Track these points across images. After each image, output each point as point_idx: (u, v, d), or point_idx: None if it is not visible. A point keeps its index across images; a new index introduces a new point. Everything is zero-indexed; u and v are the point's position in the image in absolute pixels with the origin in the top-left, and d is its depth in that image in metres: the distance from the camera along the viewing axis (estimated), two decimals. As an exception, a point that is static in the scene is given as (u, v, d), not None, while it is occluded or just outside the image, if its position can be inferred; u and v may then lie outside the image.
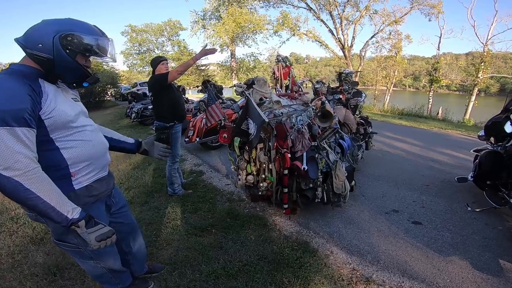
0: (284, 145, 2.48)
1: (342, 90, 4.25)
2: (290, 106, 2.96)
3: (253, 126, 2.33)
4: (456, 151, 5.61)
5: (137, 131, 8.44)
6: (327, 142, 2.86)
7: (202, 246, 2.49)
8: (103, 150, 1.42)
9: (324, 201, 2.71)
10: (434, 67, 18.05)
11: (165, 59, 3.29)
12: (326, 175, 2.71)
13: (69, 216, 1.13)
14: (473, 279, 2.09)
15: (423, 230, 2.76)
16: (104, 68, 18.91)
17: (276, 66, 3.84)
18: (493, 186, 3.02)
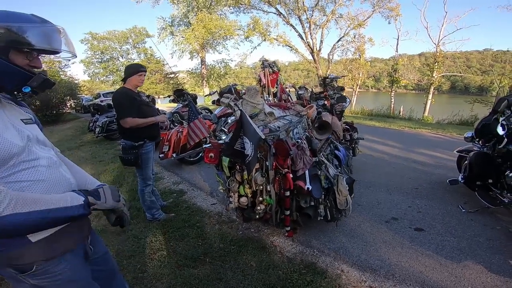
0: (285, 165, 2.22)
1: (326, 96, 4.14)
2: (284, 118, 2.74)
3: (250, 146, 2.03)
4: (432, 150, 5.79)
5: (103, 147, 7.72)
6: (324, 155, 2.67)
7: (198, 279, 2.19)
8: (65, 189, 1.08)
9: (327, 218, 2.51)
10: (394, 68, 19.28)
11: (145, 70, 2.85)
12: (327, 191, 2.52)
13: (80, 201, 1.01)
14: (494, 283, 2.04)
15: (427, 236, 2.68)
16: (62, 78, 17.50)
17: (263, 72, 3.60)
18: (483, 187, 3.05)
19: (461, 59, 47.39)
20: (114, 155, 6.63)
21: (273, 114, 2.57)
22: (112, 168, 5.52)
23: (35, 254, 0.97)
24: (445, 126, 9.58)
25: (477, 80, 45.53)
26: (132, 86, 2.78)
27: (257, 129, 2.09)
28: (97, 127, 8.20)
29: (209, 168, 5.12)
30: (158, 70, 27.98)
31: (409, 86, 27.61)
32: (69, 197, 1.00)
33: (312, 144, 2.47)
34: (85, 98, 19.30)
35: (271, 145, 2.23)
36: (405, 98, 28.38)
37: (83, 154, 7.13)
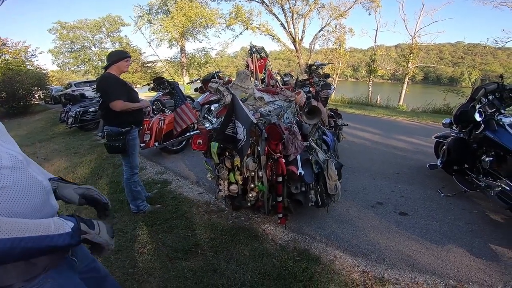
0: (277, 149, 2.19)
1: (311, 83, 4.16)
2: (273, 103, 2.70)
3: (243, 130, 1.98)
4: (409, 136, 6.01)
5: (77, 138, 7.31)
6: (313, 139, 2.68)
7: (192, 272, 2.14)
8: (39, 197, 0.90)
9: (318, 204, 2.53)
10: (372, 58, 19.72)
11: (130, 57, 2.83)
12: (317, 176, 2.53)
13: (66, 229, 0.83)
14: (477, 266, 2.13)
15: (411, 220, 2.79)
16: (28, 68, 16.33)
17: (250, 58, 3.52)
18: (460, 171, 3.22)
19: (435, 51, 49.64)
20: (90, 146, 6.32)
21: (263, 99, 2.53)
22: (89, 160, 5.26)
23: (13, 275, 0.81)
24: (420, 114, 9.98)
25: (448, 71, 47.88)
26: (117, 72, 2.73)
27: (249, 114, 2.05)
28: (70, 118, 7.73)
29: (194, 156, 5.04)
30: (135, 59, 26.91)
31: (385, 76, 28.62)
32: (52, 222, 0.81)
33: (303, 129, 2.46)
34: (55, 89, 18.22)
35: (262, 129, 2.19)
36: (382, 88, 29.29)
37: (56, 146, 6.71)
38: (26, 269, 0.84)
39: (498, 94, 2.95)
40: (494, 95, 2.95)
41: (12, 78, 12.68)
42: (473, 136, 3.00)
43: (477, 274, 2.05)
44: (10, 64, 15.33)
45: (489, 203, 2.99)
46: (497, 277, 2.00)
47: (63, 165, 5.18)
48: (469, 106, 2.93)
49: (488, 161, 2.77)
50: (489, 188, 2.72)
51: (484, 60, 23.39)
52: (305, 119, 2.59)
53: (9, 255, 0.70)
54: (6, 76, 12.81)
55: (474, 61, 22.08)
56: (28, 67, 16.68)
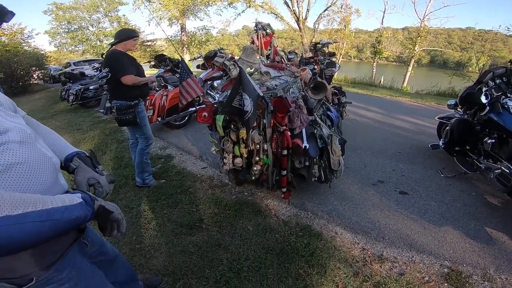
0: (283, 122, 2.20)
1: (316, 61, 4.10)
2: (279, 78, 2.67)
3: (250, 102, 1.99)
4: (412, 117, 5.97)
5: (79, 115, 7.29)
6: (317, 114, 2.68)
7: (197, 246, 2.18)
8: (49, 175, 0.84)
9: (321, 179, 2.57)
10: (378, 40, 19.15)
11: (138, 36, 2.94)
12: (321, 151, 2.54)
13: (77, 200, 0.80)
14: (472, 249, 2.17)
15: (411, 200, 2.84)
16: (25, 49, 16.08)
17: (256, 35, 3.45)
18: (462, 152, 3.26)
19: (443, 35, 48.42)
20: (92, 123, 6.33)
21: (269, 73, 2.51)
22: (92, 136, 5.28)
23: (29, 264, 0.76)
24: (424, 96, 9.87)
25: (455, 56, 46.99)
26: (125, 49, 2.82)
27: (256, 87, 2.04)
28: (71, 95, 7.69)
29: (196, 131, 5.07)
30: (135, 38, 26.33)
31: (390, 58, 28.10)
32: (64, 196, 0.80)
33: (308, 103, 2.45)
34: (54, 68, 18.02)
35: (268, 102, 2.19)
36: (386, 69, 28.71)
37: (58, 123, 6.71)
38: (42, 258, 0.79)
39: (506, 79, 2.95)
40: (502, 79, 2.95)
41: (9, 59, 12.59)
42: (477, 118, 3.01)
43: (471, 256, 2.09)
44: (7, 46, 15.11)
45: (487, 186, 3.01)
46: (490, 260, 2.04)
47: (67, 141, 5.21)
48: (476, 89, 2.94)
49: (490, 143, 2.79)
50: (489, 170, 2.74)
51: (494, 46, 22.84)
52: (311, 94, 2.58)
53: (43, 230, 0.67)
54: (3, 57, 12.69)
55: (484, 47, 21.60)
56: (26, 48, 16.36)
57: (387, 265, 2.01)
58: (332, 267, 1.96)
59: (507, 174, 2.49)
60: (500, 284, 1.84)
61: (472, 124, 3.11)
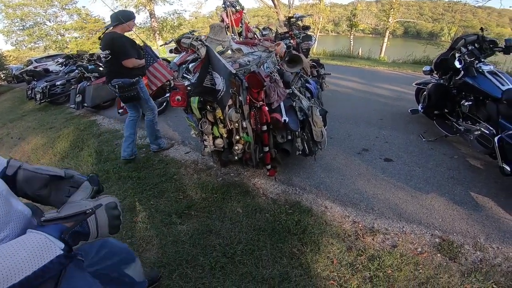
0: (259, 98, 2.12)
1: (292, 35, 4.00)
2: (252, 54, 2.58)
3: (221, 81, 1.92)
4: (390, 84, 6.08)
5: (49, 113, 6.88)
6: (296, 87, 2.62)
7: (188, 235, 2.13)
8: None
9: (305, 152, 2.54)
10: (353, 13, 19.27)
11: (135, 17, 3.09)
12: (303, 124, 2.50)
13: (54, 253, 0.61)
14: (460, 216, 2.17)
15: (396, 167, 2.87)
16: None
17: (225, 12, 3.27)
18: (441, 116, 3.34)
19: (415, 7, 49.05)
20: (65, 119, 6.00)
21: (241, 50, 2.41)
22: (67, 133, 5.00)
23: None
24: (400, 65, 10.02)
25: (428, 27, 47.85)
26: (122, 31, 2.98)
27: (227, 64, 1.96)
28: (37, 94, 7.24)
29: (176, 116, 4.92)
30: (99, 29, 24.94)
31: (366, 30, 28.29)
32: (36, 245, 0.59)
33: (285, 77, 2.38)
34: (15, 67, 16.99)
35: (242, 79, 2.10)
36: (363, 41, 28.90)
37: (29, 124, 6.33)
38: None
39: (478, 45, 3.03)
40: (474, 45, 3.03)
41: None
42: (453, 82, 3.10)
43: (460, 224, 2.09)
44: None
45: (468, 148, 3.07)
46: (479, 228, 2.04)
47: (40, 142, 4.94)
48: (449, 55, 3.01)
49: (467, 106, 2.86)
50: (468, 132, 2.81)
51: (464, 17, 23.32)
52: (286, 67, 2.50)
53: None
54: None
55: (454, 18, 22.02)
56: None
57: (379, 237, 2.01)
58: (325, 243, 1.96)
59: (486, 135, 2.55)
60: (492, 253, 1.83)
61: (448, 88, 3.19)
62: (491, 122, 2.61)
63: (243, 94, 2.12)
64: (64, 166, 3.78)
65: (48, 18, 25.38)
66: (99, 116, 5.81)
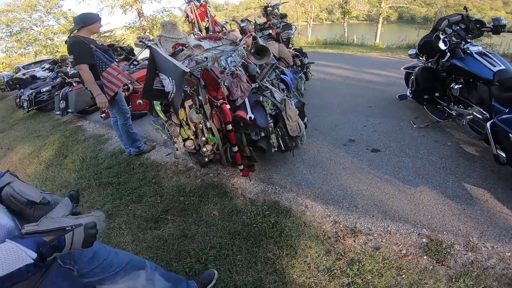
0: (219, 96, 1.97)
1: (270, 25, 3.82)
2: (215, 49, 2.43)
3: (170, 82, 1.78)
4: (382, 70, 5.87)
5: (38, 121, 6.80)
6: (268, 80, 2.44)
7: (163, 240, 2.06)
8: None
9: (281, 149, 2.39)
10: (345, 0, 18.92)
11: (101, 19, 3.02)
12: (276, 119, 2.34)
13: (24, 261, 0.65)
14: (451, 211, 1.98)
15: (384, 158, 2.69)
16: None
17: (189, 8, 3.09)
18: (431, 100, 3.14)
19: None
20: (52, 127, 5.94)
21: (200, 46, 2.24)
22: (52, 141, 4.96)
23: None
24: (394, 50, 9.81)
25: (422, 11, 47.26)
26: (87, 35, 2.88)
27: (178, 63, 1.80)
28: (24, 101, 7.15)
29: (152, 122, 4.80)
30: (89, 31, 24.72)
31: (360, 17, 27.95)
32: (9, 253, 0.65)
33: (249, 70, 2.19)
34: (6, 75, 16.82)
35: (199, 77, 1.96)
36: (358, 28, 28.38)
37: (18, 133, 6.28)
38: None
39: (464, 25, 2.85)
40: (459, 26, 2.85)
41: None
42: (440, 64, 2.90)
43: (451, 221, 1.90)
44: None
45: (462, 134, 2.86)
46: (472, 225, 1.85)
47: (27, 151, 4.89)
48: (433, 36, 2.80)
49: (457, 89, 2.68)
50: (460, 117, 2.63)
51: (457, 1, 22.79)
52: (253, 59, 2.32)
53: None
54: None
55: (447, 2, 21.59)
56: None
57: (361, 238, 1.86)
58: (303, 247, 1.83)
59: (479, 120, 2.36)
60: (486, 254, 1.64)
61: (436, 71, 3.01)
62: (484, 106, 2.42)
63: (202, 93, 1.97)
64: (49, 174, 3.74)
65: (34, 23, 25.23)
66: (85, 121, 5.73)
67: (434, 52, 2.92)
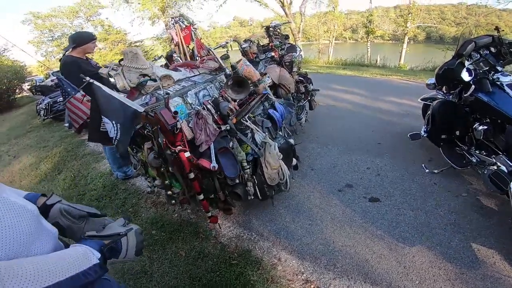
0: (177, 141, 1.72)
1: (272, 47, 3.57)
2: (189, 79, 2.21)
3: (112, 126, 1.55)
4: (400, 97, 5.40)
5: (50, 130, 6.95)
6: (251, 116, 2.15)
7: (120, 273, 1.93)
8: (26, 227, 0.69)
9: (258, 197, 2.10)
10: (369, 19, 18.72)
11: (96, 38, 3.00)
12: (255, 164, 2.06)
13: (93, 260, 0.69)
14: (446, 276, 1.68)
15: (381, 209, 2.32)
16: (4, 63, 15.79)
17: (174, 30, 2.93)
18: (449, 141, 2.67)
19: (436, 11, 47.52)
20: (59, 138, 6.00)
21: (170, 77, 2.03)
22: (55, 153, 4.98)
23: None
24: (418, 73, 9.25)
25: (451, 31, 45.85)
26: (82, 55, 2.85)
27: (128, 102, 1.58)
28: (41, 110, 7.40)
29: None
30: (121, 40, 26.02)
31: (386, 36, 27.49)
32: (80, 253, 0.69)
33: (220, 108, 1.92)
34: (39, 79, 17.76)
35: None
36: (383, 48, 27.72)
37: (29, 141, 6.43)
38: None
39: (495, 49, 2.38)
40: (489, 50, 2.38)
41: None
42: (463, 99, 2.41)
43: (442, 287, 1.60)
44: None
45: (482, 183, 2.43)
46: None
47: (29, 162, 4.92)
48: (456, 63, 2.35)
49: (481, 130, 2.21)
50: (482, 165, 2.19)
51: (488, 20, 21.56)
52: (231, 93, 2.05)
53: None
54: None
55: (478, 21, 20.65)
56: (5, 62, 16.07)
57: None
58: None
59: (503, 173, 1.94)
60: None
61: (458, 107, 2.52)
62: (511, 155, 1.99)
63: (160, 137, 1.74)
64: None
65: (74, 29, 26.89)
66: (90, 136, 5.75)
67: (455, 83, 2.47)
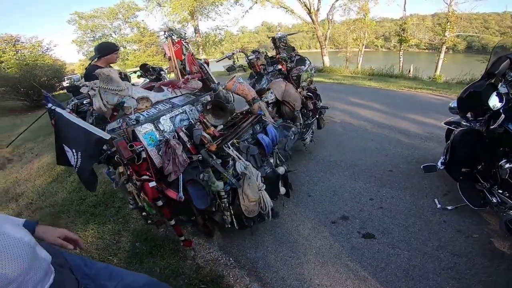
0: (142, 171, 1.65)
1: (279, 59, 3.37)
2: (169, 101, 2.12)
3: (73, 155, 1.53)
4: (426, 116, 4.84)
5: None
6: (235, 142, 1.98)
7: None
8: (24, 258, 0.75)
9: (235, 227, 1.96)
10: (402, 27, 17.80)
11: (119, 49, 3.10)
12: (234, 193, 1.92)
13: None
14: None
15: (373, 247, 2.05)
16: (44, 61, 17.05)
17: (166, 44, 2.86)
18: (470, 175, 2.27)
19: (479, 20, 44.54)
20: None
21: (148, 99, 1.97)
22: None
23: None
24: (452, 86, 8.43)
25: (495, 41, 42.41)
26: (105, 65, 2.94)
27: (94, 129, 1.53)
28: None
29: None
30: (154, 42, 27.30)
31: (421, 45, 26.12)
32: None
33: (194, 137, 1.79)
34: (76, 78, 19.17)
35: None
36: (418, 57, 26.16)
37: (53, 141, 6.74)
38: None
39: None
40: None
41: (28, 72, 13.16)
42: (489, 128, 2.01)
43: None
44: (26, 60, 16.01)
45: None
46: None
47: (48, 161, 5.14)
48: (485, 85, 1.93)
49: (508, 169, 1.83)
50: (502, 207, 1.87)
51: None
52: (211, 118, 1.93)
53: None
54: (23, 71, 13.24)
55: None
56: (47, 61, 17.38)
57: None
58: None
59: None
60: None
61: (483, 137, 2.11)
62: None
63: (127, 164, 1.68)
64: (47, 190, 3.87)
65: (114, 30, 28.60)
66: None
67: (481, 108, 2.03)
